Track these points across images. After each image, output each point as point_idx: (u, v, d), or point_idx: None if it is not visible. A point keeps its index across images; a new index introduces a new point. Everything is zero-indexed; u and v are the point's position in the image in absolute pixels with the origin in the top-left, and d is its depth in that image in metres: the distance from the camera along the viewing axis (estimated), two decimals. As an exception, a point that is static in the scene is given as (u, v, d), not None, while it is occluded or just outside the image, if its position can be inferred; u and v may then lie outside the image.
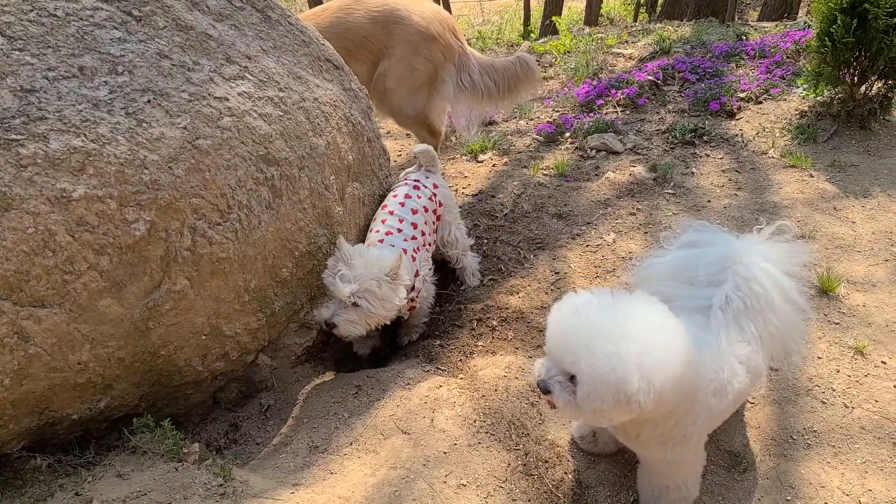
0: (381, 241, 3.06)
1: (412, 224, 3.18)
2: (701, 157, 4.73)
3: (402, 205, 3.23)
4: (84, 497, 2.11)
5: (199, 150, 2.37)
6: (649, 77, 6.00)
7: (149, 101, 2.28)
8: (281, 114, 2.72)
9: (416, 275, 3.08)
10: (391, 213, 3.20)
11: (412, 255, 3.08)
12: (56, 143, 2.04)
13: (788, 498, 2.36)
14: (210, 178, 2.40)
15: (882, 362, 2.88)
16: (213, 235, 2.43)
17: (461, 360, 3.06)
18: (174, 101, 2.35)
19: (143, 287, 2.29)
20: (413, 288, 3.05)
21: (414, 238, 3.15)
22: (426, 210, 3.30)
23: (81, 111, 2.12)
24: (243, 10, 2.81)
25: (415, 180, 3.39)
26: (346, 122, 3.16)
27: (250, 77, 2.66)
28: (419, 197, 3.30)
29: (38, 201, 2.00)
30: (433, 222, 3.39)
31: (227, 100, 2.52)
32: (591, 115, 5.55)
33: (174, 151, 2.30)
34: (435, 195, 3.39)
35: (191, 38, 2.51)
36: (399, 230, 3.13)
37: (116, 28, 2.31)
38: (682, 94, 5.77)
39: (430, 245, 3.35)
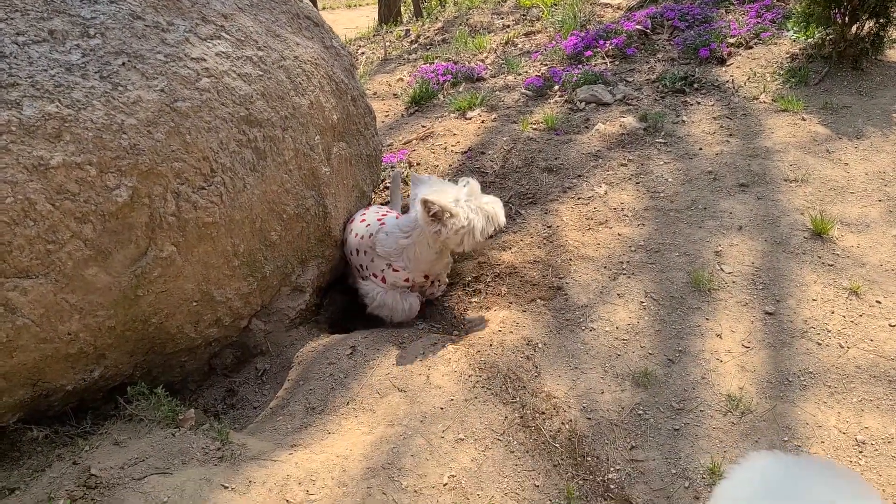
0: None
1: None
2: (692, 105, 4.67)
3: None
4: (82, 466, 2.11)
5: (178, 113, 2.32)
6: (638, 26, 5.90)
7: (123, 64, 2.22)
8: (261, 73, 2.66)
9: None
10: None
11: None
12: (30, 109, 1.99)
13: (786, 438, 2.38)
14: (191, 141, 2.35)
15: (877, 302, 2.88)
16: (197, 200, 2.39)
17: (455, 316, 3.05)
18: (150, 64, 2.29)
19: (129, 254, 2.25)
20: None
21: None
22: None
23: (54, 76, 2.07)
24: (217, -32, 2.73)
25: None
26: (329, 80, 3.09)
27: (227, 36, 2.59)
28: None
29: (16, 170, 1.96)
30: None
31: (205, 60, 2.45)
32: (580, 67, 5.46)
33: (152, 115, 2.25)
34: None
35: (163, -3, 2.44)
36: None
37: (85, -11, 2.24)
38: (672, 43, 5.68)
39: None
